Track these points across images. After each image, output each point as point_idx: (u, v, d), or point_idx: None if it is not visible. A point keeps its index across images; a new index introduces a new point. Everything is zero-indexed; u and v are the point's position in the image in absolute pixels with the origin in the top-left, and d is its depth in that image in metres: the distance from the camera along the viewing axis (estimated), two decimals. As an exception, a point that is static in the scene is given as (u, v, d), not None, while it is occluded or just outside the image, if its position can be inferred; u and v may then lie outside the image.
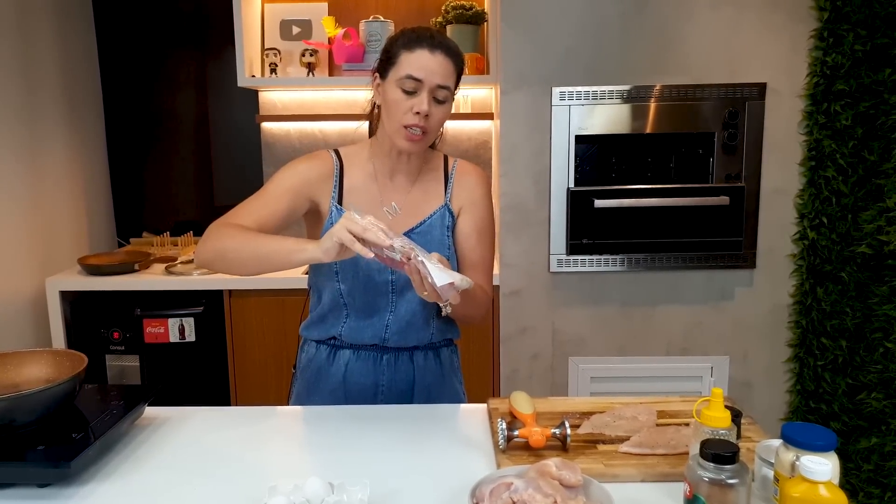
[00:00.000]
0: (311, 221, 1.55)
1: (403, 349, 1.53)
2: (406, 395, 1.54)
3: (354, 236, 1.20)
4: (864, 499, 2.33)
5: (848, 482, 2.39)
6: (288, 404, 1.63)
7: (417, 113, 1.37)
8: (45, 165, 2.74)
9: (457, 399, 1.61)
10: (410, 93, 1.38)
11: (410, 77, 1.37)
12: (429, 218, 1.51)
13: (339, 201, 1.49)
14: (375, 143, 1.53)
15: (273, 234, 1.42)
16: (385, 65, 1.43)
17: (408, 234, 1.49)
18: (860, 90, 2.34)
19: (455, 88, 1.45)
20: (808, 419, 2.51)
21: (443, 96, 1.40)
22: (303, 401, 1.58)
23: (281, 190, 1.48)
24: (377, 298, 1.48)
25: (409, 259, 1.21)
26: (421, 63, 1.37)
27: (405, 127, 1.39)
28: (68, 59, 2.91)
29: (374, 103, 1.51)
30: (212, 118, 3.21)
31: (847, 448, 2.42)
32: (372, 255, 1.20)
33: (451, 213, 1.53)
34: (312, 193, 1.49)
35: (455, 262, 1.53)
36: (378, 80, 1.45)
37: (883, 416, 2.32)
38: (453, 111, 2.88)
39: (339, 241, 1.22)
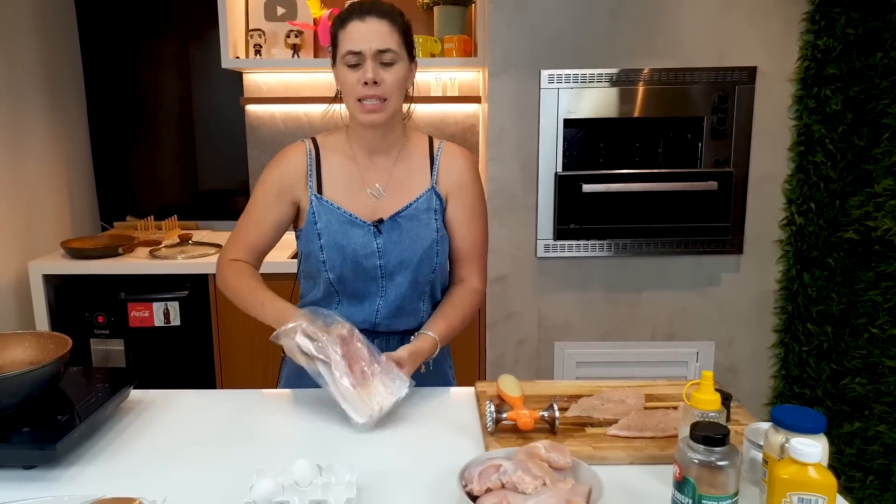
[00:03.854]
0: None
1: (394, 333, 1.52)
2: (396, 378, 1.53)
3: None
4: (847, 482, 2.36)
5: (830, 466, 2.41)
6: (277, 388, 1.61)
7: (366, 83, 1.37)
8: (26, 148, 2.69)
9: (447, 382, 1.60)
10: (355, 66, 1.39)
11: (350, 52, 1.38)
12: (415, 201, 1.49)
13: (319, 190, 1.48)
14: (351, 127, 1.52)
15: (272, 244, 1.54)
16: (333, 51, 1.45)
17: (394, 217, 1.47)
18: (851, 74, 2.33)
19: (407, 49, 1.43)
20: (791, 404, 2.53)
21: (388, 59, 1.39)
22: (292, 384, 1.56)
23: (263, 208, 1.51)
24: (367, 284, 1.47)
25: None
26: (355, 35, 1.38)
27: (360, 101, 1.40)
28: (49, 40, 2.86)
29: (339, 91, 1.50)
30: (195, 100, 3.17)
31: (830, 432, 2.43)
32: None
33: (438, 196, 1.51)
34: (293, 194, 1.50)
35: (446, 246, 1.52)
36: (334, 69, 1.46)
37: (866, 400, 2.34)
38: (441, 94, 2.91)
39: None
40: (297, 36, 2.82)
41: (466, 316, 1.52)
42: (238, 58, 2.84)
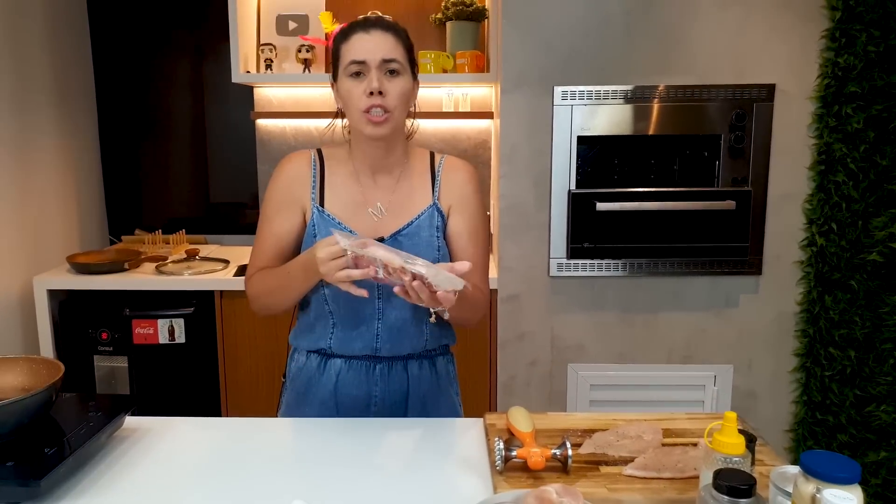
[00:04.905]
0: None
1: (397, 358, 1.47)
2: (400, 406, 1.48)
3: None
4: (872, 515, 2.28)
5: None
6: (277, 415, 1.56)
7: (371, 93, 1.34)
8: (35, 160, 2.68)
9: (453, 411, 1.55)
10: (359, 76, 1.36)
11: (353, 62, 1.35)
12: (416, 219, 1.45)
13: (321, 202, 1.44)
14: (353, 143, 1.48)
15: (292, 253, 1.46)
16: (334, 67, 1.42)
17: (394, 236, 1.43)
18: (873, 92, 2.27)
19: (411, 63, 1.41)
20: (813, 430, 2.45)
21: (394, 68, 1.36)
22: (292, 412, 1.51)
23: (273, 221, 1.47)
24: (363, 305, 1.41)
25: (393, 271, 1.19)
26: (358, 46, 1.36)
27: (365, 112, 1.36)
28: (61, 53, 2.84)
29: (339, 108, 1.48)
30: (206, 114, 3.15)
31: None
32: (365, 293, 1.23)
33: (440, 212, 1.47)
34: (301, 202, 1.46)
35: (447, 263, 1.46)
36: (334, 85, 1.43)
37: (892, 429, 2.26)
38: (453, 109, 2.86)
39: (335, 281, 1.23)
40: (308, 51, 2.80)
41: (474, 300, 1.42)
42: (249, 72, 2.81)
